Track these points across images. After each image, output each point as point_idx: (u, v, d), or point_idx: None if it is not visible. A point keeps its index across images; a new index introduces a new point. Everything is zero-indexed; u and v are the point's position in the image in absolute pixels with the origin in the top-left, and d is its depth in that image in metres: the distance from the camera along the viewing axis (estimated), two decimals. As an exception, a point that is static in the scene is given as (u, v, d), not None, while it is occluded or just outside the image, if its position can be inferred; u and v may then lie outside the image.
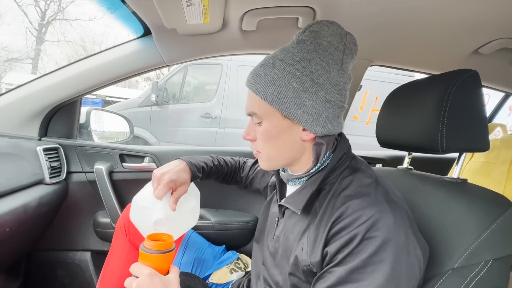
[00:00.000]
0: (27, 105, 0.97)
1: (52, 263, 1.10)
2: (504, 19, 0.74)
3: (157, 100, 3.48)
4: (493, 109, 1.69)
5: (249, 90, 0.54)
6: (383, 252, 0.41)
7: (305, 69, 0.49)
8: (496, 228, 0.47)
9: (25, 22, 11.36)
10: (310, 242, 0.49)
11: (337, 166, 0.52)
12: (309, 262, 0.48)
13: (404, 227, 0.44)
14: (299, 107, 0.49)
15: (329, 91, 0.50)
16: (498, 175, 0.78)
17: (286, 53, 0.51)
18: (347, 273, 0.41)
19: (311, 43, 0.50)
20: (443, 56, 1.01)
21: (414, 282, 0.43)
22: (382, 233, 0.41)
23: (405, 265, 0.41)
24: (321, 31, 0.51)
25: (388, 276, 0.40)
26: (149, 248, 0.52)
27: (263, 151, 0.56)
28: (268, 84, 0.50)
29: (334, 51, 0.50)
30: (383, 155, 1.43)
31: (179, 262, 0.85)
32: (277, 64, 0.50)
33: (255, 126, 0.55)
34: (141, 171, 1.13)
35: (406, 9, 0.76)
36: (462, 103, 0.53)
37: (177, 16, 0.76)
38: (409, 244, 0.43)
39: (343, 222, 0.44)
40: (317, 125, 0.50)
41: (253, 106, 0.53)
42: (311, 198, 0.51)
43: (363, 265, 0.41)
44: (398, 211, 0.45)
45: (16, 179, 0.81)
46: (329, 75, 0.50)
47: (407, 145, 0.65)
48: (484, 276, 0.46)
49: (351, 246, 0.42)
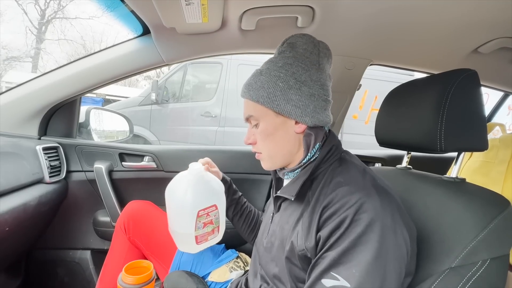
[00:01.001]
0: (27, 104, 0.97)
1: (52, 262, 1.11)
2: (503, 19, 0.74)
3: (157, 99, 3.48)
4: (492, 109, 1.69)
5: (244, 100, 0.62)
6: (370, 233, 0.44)
7: (288, 71, 0.57)
8: (494, 227, 0.47)
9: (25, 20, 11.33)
10: (304, 228, 0.52)
11: (327, 157, 0.57)
12: (304, 247, 0.51)
13: (390, 209, 0.47)
14: (287, 102, 0.56)
15: (311, 86, 0.57)
16: (497, 174, 0.78)
17: (270, 63, 0.60)
18: (339, 255, 0.44)
19: (290, 52, 0.59)
20: (442, 56, 1.00)
21: (401, 262, 0.45)
22: (369, 215, 0.45)
23: (392, 245, 0.44)
24: (297, 42, 0.60)
25: (375, 254, 0.43)
26: (128, 283, 0.51)
27: (264, 151, 0.61)
28: (259, 88, 0.57)
29: (310, 55, 0.59)
30: (382, 154, 1.43)
31: (179, 261, 0.86)
32: (264, 72, 0.58)
33: (254, 130, 0.62)
34: (140, 170, 1.13)
35: (405, 8, 0.76)
36: (461, 103, 0.54)
37: (176, 15, 0.76)
38: (396, 225, 0.45)
39: (334, 207, 0.48)
40: (306, 116, 0.57)
41: (249, 111, 0.60)
42: (304, 186, 0.55)
43: (353, 246, 0.44)
44: (385, 195, 0.49)
45: (16, 178, 0.81)
46: (309, 73, 0.57)
47: (406, 144, 0.65)
48: (481, 275, 0.46)
49: (341, 229, 0.45)
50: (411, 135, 0.61)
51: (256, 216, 0.89)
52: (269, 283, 0.61)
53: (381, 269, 0.43)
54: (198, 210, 0.66)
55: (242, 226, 0.87)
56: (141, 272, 0.60)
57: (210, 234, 0.70)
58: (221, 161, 1.09)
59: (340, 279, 0.43)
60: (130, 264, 0.59)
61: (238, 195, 0.88)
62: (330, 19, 0.83)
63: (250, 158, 1.18)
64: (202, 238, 0.68)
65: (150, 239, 0.88)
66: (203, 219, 0.67)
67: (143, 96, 3.62)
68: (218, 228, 0.72)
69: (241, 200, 0.88)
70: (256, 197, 1.20)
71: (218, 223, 0.71)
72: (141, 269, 0.61)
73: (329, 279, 0.44)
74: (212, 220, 0.69)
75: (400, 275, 0.45)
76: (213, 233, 0.70)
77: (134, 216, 0.89)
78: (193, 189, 0.68)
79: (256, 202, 1.20)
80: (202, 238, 0.68)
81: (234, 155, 1.19)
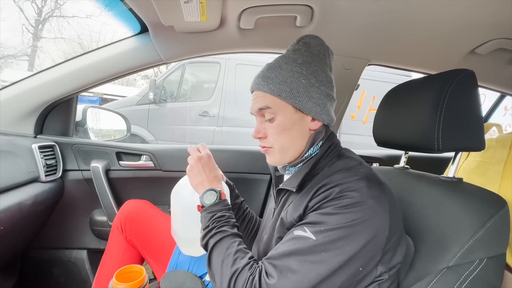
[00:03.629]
0: (23, 102, 0.96)
1: (48, 262, 1.10)
2: (500, 20, 0.75)
3: (155, 98, 3.47)
4: (488, 109, 1.70)
5: (256, 92, 0.61)
6: (351, 208, 0.47)
7: (308, 69, 0.58)
8: (490, 226, 0.48)
9: (22, 18, 11.23)
10: (295, 206, 0.56)
11: (327, 153, 0.60)
12: (292, 218, 0.54)
13: (378, 195, 0.49)
14: (309, 99, 0.58)
15: (327, 86, 0.60)
16: (493, 174, 0.78)
17: (288, 59, 0.60)
18: (316, 216, 0.49)
19: (305, 51, 0.61)
20: (439, 56, 1.01)
21: (376, 241, 0.47)
22: (355, 193, 0.48)
23: (368, 222, 0.47)
24: (311, 42, 0.63)
25: (349, 225, 0.46)
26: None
27: (276, 145, 0.61)
28: (281, 83, 0.57)
29: (323, 57, 0.62)
30: (380, 154, 1.43)
31: (176, 261, 0.85)
32: (283, 67, 0.59)
33: (266, 124, 0.61)
34: (138, 169, 1.12)
35: (403, 9, 0.76)
36: (458, 103, 0.54)
37: (174, 13, 0.75)
38: (378, 208, 0.48)
39: (325, 187, 0.51)
40: (324, 114, 0.60)
41: (265, 102, 0.59)
42: (304, 179, 0.57)
43: (331, 213, 0.48)
44: (376, 183, 0.51)
45: (11, 177, 0.80)
46: (325, 74, 0.60)
47: (403, 144, 0.65)
48: (478, 274, 0.46)
49: (326, 199, 0.50)
50: (409, 135, 0.62)
51: (256, 222, 0.88)
52: None
53: (349, 239, 0.46)
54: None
55: (244, 232, 0.86)
56: (133, 278, 0.58)
57: None
58: (219, 160, 1.08)
59: (307, 232, 0.48)
60: (122, 270, 0.58)
61: (240, 200, 0.87)
62: (329, 18, 0.83)
63: (248, 158, 1.18)
64: None
65: (147, 238, 0.87)
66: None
67: (140, 95, 3.61)
68: None
69: (243, 205, 0.87)
70: (254, 196, 1.20)
71: None
72: (133, 274, 0.59)
73: (299, 230, 0.49)
74: None
75: (363, 255, 0.47)
76: None
77: (131, 215, 0.89)
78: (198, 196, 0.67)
79: (254, 201, 1.20)
80: None
81: (232, 155, 1.19)
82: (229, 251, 0.53)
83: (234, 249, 0.54)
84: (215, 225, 0.58)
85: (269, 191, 1.22)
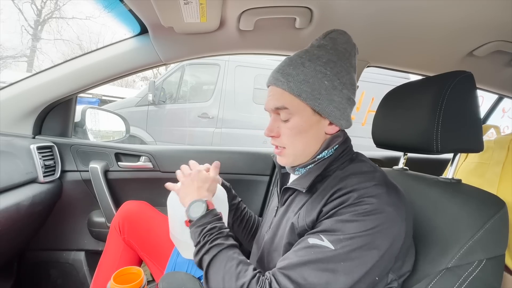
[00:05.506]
0: (21, 102, 0.96)
1: (45, 263, 1.09)
2: (498, 22, 0.75)
3: (154, 100, 3.46)
4: (487, 111, 1.71)
5: (274, 87, 0.57)
6: (369, 215, 0.45)
7: (333, 70, 0.54)
8: (489, 227, 0.48)
9: (21, 19, 11.22)
10: (308, 209, 0.53)
11: (340, 156, 0.57)
12: (304, 223, 0.51)
13: (396, 201, 0.47)
14: (330, 103, 0.54)
15: (350, 90, 0.56)
16: (492, 175, 0.79)
17: (312, 55, 0.55)
18: (332, 223, 0.46)
19: (331, 48, 0.56)
20: (438, 58, 1.02)
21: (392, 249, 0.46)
22: (373, 199, 0.46)
23: (386, 231, 0.45)
24: (338, 38, 0.58)
25: (368, 232, 0.44)
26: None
27: (290, 147, 0.58)
28: (302, 82, 0.53)
29: (349, 56, 0.57)
30: (379, 155, 1.43)
31: (175, 262, 0.85)
32: (306, 64, 0.54)
33: (280, 123, 0.58)
34: (136, 170, 1.12)
35: (402, 11, 0.77)
36: (457, 104, 0.54)
37: (174, 14, 0.76)
38: (397, 218, 0.46)
39: (342, 191, 0.49)
40: (343, 119, 0.56)
41: (282, 101, 0.55)
42: (316, 180, 0.55)
43: (348, 220, 0.45)
44: (393, 189, 0.49)
45: (9, 178, 0.79)
46: (350, 76, 0.56)
47: (402, 145, 0.65)
48: (477, 276, 0.46)
49: (343, 205, 0.47)
50: (408, 136, 0.62)
51: (256, 222, 0.87)
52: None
53: (368, 248, 0.44)
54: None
55: (242, 232, 0.86)
56: (131, 280, 0.57)
57: None
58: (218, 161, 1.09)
59: (325, 241, 0.45)
60: (120, 272, 0.57)
61: (237, 200, 0.86)
62: (327, 20, 0.84)
63: (247, 159, 1.18)
64: None
65: (145, 239, 0.87)
66: None
67: (140, 97, 3.60)
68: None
69: (240, 205, 0.86)
70: (253, 197, 1.20)
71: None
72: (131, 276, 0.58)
73: (315, 238, 0.46)
74: None
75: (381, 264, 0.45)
76: None
77: (129, 216, 0.88)
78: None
79: (253, 202, 1.19)
80: None
81: (231, 156, 1.18)
82: (229, 265, 0.49)
83: (234, 262, 0.50)
84: (208, 239, 0.53)
85: (268, 192, 1.22)
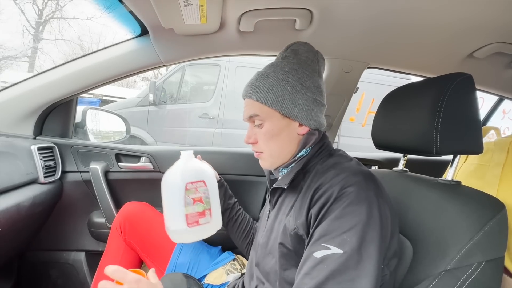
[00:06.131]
0: (22, 103, 0.96)
1: (46, 264, 1.09)
2: (498, 24, 0.75)
3: (154, 100, 3.47)
4: (487, 113, 1.71)
5: (247, 99, 0.64)
6: (356, 202, 0.47)
7: (295, 76, 0.60)
8: (489, 230, 0.48)
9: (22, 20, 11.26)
10: (296, 210, 0.56)
11: (318, 153, 0.62)
12: (295, 225, 0.54)
13: (374, 186, 0.50)
14: (295, 106, 0.60)
15: (314, 92, 0.62)
16: (492, 177, 0.78)
17: (276, 67, 0.62)
18: (328, 225, 0.47)
19: (293, 58, 0.63)
20: (438, 60, 1.02)
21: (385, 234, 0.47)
22: (353, 188, 0.48)
23: (377, 215, 0.47)
24: (299, 49, 0.64)
25: (364, 220, 0.45)
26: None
27: (266, 150, 0.64)
28: (267, 91, 0.60)
29: (311, 63, 0.63)
30: (379, 157, 1.43)
31: (175, 263, 0.85)
32: (270, 75, 0.61)
33: (255, 130, 0.64)
34: (137, 171, 1.12)
35: (402, 12, 0.77)
36: (457, 106, 0.54)
37: (174, 16, 0.76)
38: (379, 200, 0.49)
39: (323, 187, 0.52)
40: (310, 119, 0.61)
41: (254, 110, 0.62)
42: (297, 177, 0.60)
43: (341, 215, 0.47)
44: (368, 175, 0.52)
45: (9, 178, 0.80)
46: (313, 80, 0.62)
47: (402, 147, 0.66)
48: (476, 278, 0.46)
49: (329, 202, 0.49)
50: (408, 137, 0.62)
51: (250, 223, 0.89)
52: (264, 282, 0.61)
53: (369, 234, 0.45)
54: (186, 182, 0.66)
55: (236, 233, 0.87)
56: None
57: (201, 215, 0.67)
58: (219, 162, 1.09)
59: (332, 248, 0.45)
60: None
61: (233, 201, 0.88)
62: (328, 22, 0.84)
63: (248, 160, 1.18)
64: (193, 219, 0.65)
65: (146, 240, 0.87)
66: (192, 193, 0.66)
67: (140, 97, 3.61)
68: (210, 211, 0.69)
69: (236, 205, 0.89)
70: (253, 198, 1.20)
71: (209, 205, 0.69)
72: None
73: (320, 250, 0.46)
74: (201, 198, 0.67)
75: (383, 245, 0.46)
76: (204, 215, 0.67)
77: (130, 217, 0.89)
78: (182, 167, 0.69)
79: (253, 203, 1.19)
80: (193, 218, 0.65)
81: (231, 157, 1.19)
82: None
83: None
84: None
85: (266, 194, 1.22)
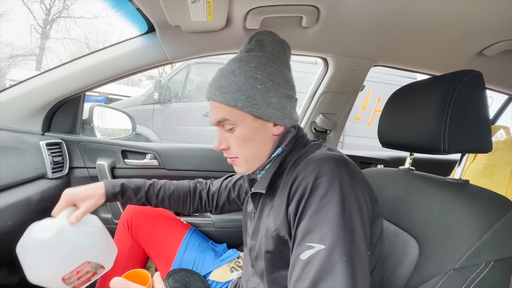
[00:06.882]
0: (31, 99, 0.98)
1: None
2: (508, 21, 0.74)
3: (159, 98, 3.49)
4: (496, 112, 1.68)
5: (212, 102, 0.57)
6: (331, 192, 0.44)
7: (263, 72, 0.54)
8: (497, 229, 0.47)
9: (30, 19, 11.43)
10: (275, 210, 0.53)
11: (293, 148, 0.58)
12: (276, 226, 0.51)
13: (346, 169, 0.47)
14: (268, 106, 0.54)
15: (285, 87, 0.57)
16: (501, 177, 0.77)
17: (241, 62, 0.55)
18: (309, 221, 0.45)
19: (259, 50, 0.57)
20: (446, 58, 1.00)
21: (364, 218, 0.45)
22: (327, 176, 0.46)
23: (354, 200, 0.45)
24: (264, 39, 0.58)
25: (341, 209, 0.43)
26: None
27: (241, 155, 0.58)
28: (235, 91, 0.53)
29: (279, 54, 0.58)
30: (385, 155, 1.42)
31: (181, 259, 0.86)
32: (236, 73, 0.54)
33: (226, 134, 0.58)
34: (143, 168, 1.13)
35: (410, 10, 0.76)
36: (466, 104, 0.53)
37: (181, 13, 0.76)
38: (353, 184, 0.46)
39: (297, 181, 0.49)
40: (285, 118, 0.57)
41: (222, 114, 0.55)
42: (274, 177, 0.56)
43: (318, 208, 0.44)
44: (340, 159, 0.49)
45: (19, 173, 0.81)
46: (283, 75, 0.57)
47: (409, 145, 0.65)
48: (485, 277, 0.46)
49: (305, 196, 0.46)
50: (415, 135, 0.61)
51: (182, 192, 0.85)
52: (260, 283, 0.60)
53: (349, 223, 0.43)
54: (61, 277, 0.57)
55: (170, 206, 0.84)
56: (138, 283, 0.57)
57: (93, 275, 0.63)
58: (222, 160, 1.09)
59: (315, 245, 0.42)
60: (127, 275, 0.58)
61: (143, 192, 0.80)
62: (335, 19, 0.83)
63: None
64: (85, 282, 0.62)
65: (152, 237, 0.88)
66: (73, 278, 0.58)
67: (145, 95, 3.63)
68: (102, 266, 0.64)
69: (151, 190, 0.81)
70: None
71: (98, 267, 0.63)
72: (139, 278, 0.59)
73: (306, 251, 0.43)
74: (87, 270, 0.61)
75: (365, 231, 0.45)
76: (97, 273, 0.64)
77: (137, 214, 0.90)
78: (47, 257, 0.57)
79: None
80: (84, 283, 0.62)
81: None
82: None
83: None
84: None
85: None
